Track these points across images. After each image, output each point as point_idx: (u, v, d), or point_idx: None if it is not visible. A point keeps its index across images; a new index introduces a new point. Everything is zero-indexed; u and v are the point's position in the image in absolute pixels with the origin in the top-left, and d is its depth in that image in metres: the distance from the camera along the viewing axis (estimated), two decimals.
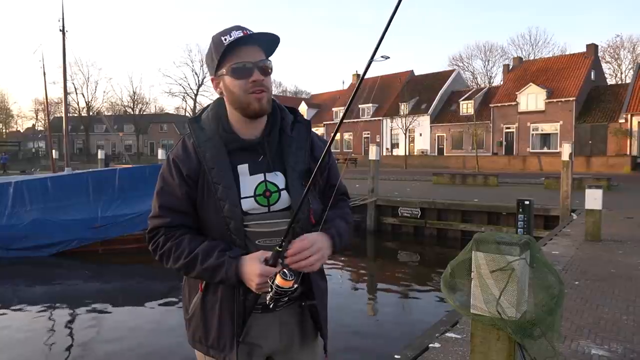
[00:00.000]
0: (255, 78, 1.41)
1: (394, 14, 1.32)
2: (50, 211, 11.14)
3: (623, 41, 50.68)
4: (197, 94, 62.28)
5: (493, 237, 1.69)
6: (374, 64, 1.32)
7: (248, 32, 1.40)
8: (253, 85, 1.41)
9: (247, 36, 1.39)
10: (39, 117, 72.01)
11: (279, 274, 1.31)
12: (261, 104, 1.43)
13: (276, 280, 1.31)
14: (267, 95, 1.45)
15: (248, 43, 1.41)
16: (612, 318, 4.18)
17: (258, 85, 1.42)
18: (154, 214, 1.50)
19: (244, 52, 1.41)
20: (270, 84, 1.47)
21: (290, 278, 1.31)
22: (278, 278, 1.31)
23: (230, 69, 1.42)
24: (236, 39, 1.38)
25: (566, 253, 6.88)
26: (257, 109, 1.44)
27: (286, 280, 1.30)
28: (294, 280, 1.31)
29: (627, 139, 30.28)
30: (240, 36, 1.39)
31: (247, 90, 1.42)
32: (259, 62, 1.43)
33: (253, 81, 1.41)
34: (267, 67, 1.44)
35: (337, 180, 1.65)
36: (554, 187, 15.14)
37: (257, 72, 1.42)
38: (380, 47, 1.31)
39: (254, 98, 1.42)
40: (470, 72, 56.74)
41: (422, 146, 43.10)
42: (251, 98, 1.42)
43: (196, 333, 1.54)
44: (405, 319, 7.42)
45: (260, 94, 1.42)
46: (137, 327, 6.77)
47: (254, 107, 1.43)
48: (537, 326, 1.64)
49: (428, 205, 13.54)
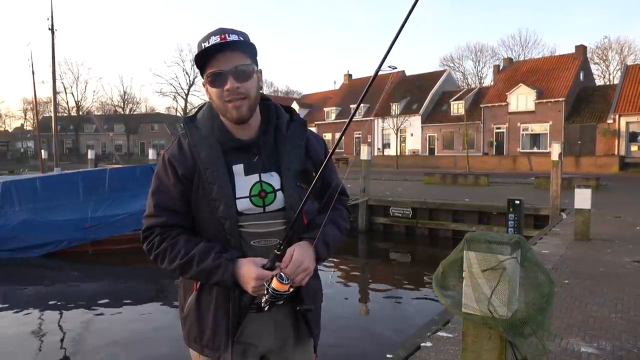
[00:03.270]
0: (229, 86, 1.38)
1: (404, 22, 1.30)
2: (40, 211, 11.02)
3: (611, 43, 51.29)
4: (188, 94, 62.09)
5: (484, 236, 1.70)
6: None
7: (227, 36, 1.37)
8: (228, 93, 1.39)
9: (222, 43, 1.36)
10: (28, 117, 71.23)
11: (276, 277, 1.31)
12: (239, 112, 1.41)
13: (272, 284, 1.31)
14: (247, 101, 1.42)
15: (226, 48, 1.38)
16: (601, 316, 4.22)
17: (233, 93, 1.39)
18: (149, 213, 1.49)
19: (221, 58, 1.39)
20: (252, 87, 1.43)
21: (286, 282, 1.31)
22: (274, 281, 1.31)
23: (208, 78, 1.42)
24: (212, 46, 1.36)
25: (556, 252, 6.94)
26: (235, 117, 1.42)
27: (282, 284, 1.31)
28: (289, 284, 1.32)
29: (615, 139, 30.63)
30: (216, 43, 1.36)
31: (224, 98, 1.41)
32: (233, 68, 1.39)
33: (227, 89, 1.39)
34: (245, 71, 1.40)
35: (334, 180, 1.65)
36: (544, 187, 15.25)
37: (232, 80, 1.38)
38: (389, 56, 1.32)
39: (231, 107, 1.41)
40: (461, 73, 57.19)
41: (414, 146, 43.24)
42: (228, 107, 1.41)
43: (191, 332, 1.54)
44: (396, 319, 7.44)
45: (237, 102, 1.40)
46: (128, 328, 6.72)
47: (232, 115, 1.42)
48: (528, 325, 1.65)
49: (419, 205, 13.59)
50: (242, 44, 1.40)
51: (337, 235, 1.57)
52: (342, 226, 1.62)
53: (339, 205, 1.67)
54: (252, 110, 1.45)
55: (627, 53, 49.89)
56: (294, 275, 1.36)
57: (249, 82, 1.42)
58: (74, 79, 63.34)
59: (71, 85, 63.24)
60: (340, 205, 1.68)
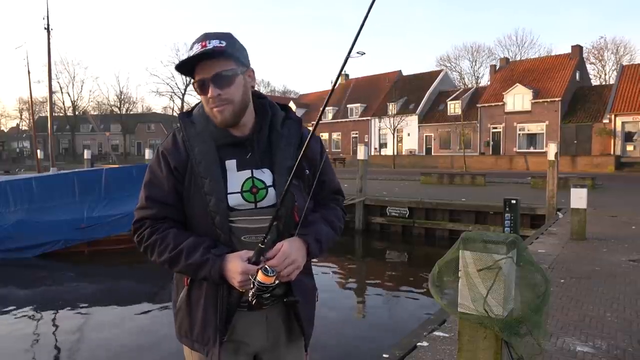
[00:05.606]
0: (211, 94, 1.41)
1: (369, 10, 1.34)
2: (35, 212, 10.98)
3: (607, 43, 51.49)
4: (185, 94, 61.81)
5: (480, 236, 1.70)
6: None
7: (207, 42, 1.38)
8: (212, 100, 1.42)
9: (201, 52, 1.37)
10: (24, 117, 70.90)
11: (261, 270, 1.33)
12: (223, 116, 1.44)
13: (258, 277, 1.32)
14: (230, 107, 1.43)
15: (206, 56, 1.39)
16: (597, 315, 4.23)
17: (216, 100, 1.41)
18: (140, 205, 1.50)
19: (203, 65, 1.41)
20: (236, 91, 1.43)
21: (271, 274, 1.32)
22: (259, 274, 1.32)
23: (194, 85, 1.45)
24: (191, 57, 1.38)
25: (552, 251, 6.96)
26: (219, 121, 1.45)
27: (267, 276, 1.32)
28: (275, 276, 1.33)
29: (611, 138, 30.77)
30: (196, 53, 1.37)
31: (209, 104, 1.44)
32: (213, 75, 1.40)
33: (210, 97, 1.41)
34: (225, 76, 1.41)
35: (330, 178, 1.65)
36: (540, 187, 15.31)
37: (213, 87, 1.40)
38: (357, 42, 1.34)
39: (216, 111, 1.43)
40: (457, 73, 57.22)
41: (410, 146, 43.30)
42: (214, 112, 1.44)
43: (182, 327, 1.55)
44: (393, 318, 7.44)
45: (220, 107, 1.42)
46: (124, 328, 6.70)
47: (217, 120, 1.45)
48: (523, 324, 1.66)
49: (416, 205, 13.61)
50: (222, 50, 1.39)
51: (330, 233, 1.57)
52: (336, 225, 1.62)
53: (334, 204, 1.68)
54: (236, 114, 1.46)
55: (622, 53, 50.17)
56: (280, 267, 1.36)
57: (231, 87, 1.42)
58: (70, 78, 63.01)
59: (67, 85, 63.02)
60: (335, 204, 1.68)
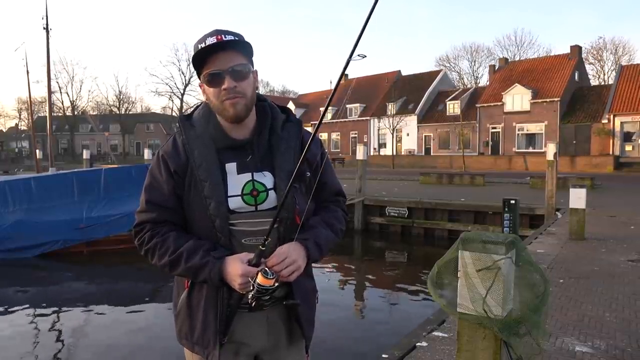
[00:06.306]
0: (227, 86, 1.41)
1: (370, 13, 1.33)
2: (34, 212, 10.97)
3: (606, 43, 51.47)
4: (184, 94, 61.79)
5: (479, 236, 1.70)
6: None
7: (223, 36, 1.39)
8: (226, 92, 1.42)
9: (218, 43, 1.38)
10: (22, 117, 70.76)
11: (260, 272, 1.33)
12: (235, 109, 1.43)
13: (257, 279, 1.32)
14: (243, 100, 1.44)
15: (221, 49, 1.40)
16: (596, 315, 4.24)
17: (230, 92, 1.41)
18: (141, 208, 1.51)
19: (218, 58, 1.41)
20: (249, 86, 1.45)
21: (271, 277, 1.33)
22: (259, 276, 1.32)
23: (205, 78, 1.44)
24: (209, 46, 1.38)
25: (551, 251, 6.96)
26: (232, 114, 1.44)
27: (267, 279, 1.32)
28: (274, 278, 1.33)
29: (610, 139, 30.79)
30: (212, 43, 1.38)
31: (221, 98, 1.43)
32: (230, 68, 1.41)
33: (224, 89, 1.41)
34: (241, 71, 1.43)
35: (330, 180, 1.65)
36: (539, 187, 15.31)
37: (229, 79, 1.41)
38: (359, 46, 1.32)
39: (229, 104, 1.43)
40: (456, 73, 57.23)
41: (410, 146, 43.29)
42: (226, 104, 1.43)
43: (182, 329, 1.55)
44: (392, 318, 7.45)
45: (234, 100, 1.42)
46: (124, 329, 6.70)
47: (229, 113, 1.44)
48: (522, 324, 1.66)
49: (415, 205, 13.61)
50: (238, 44, 1.42)
51: (330, 237, 1.57)
52: (336, 227, 1.62)
53: (334, 207, 1.67)
54: (248, 109, 1.47)
55: (621, 53, 50.19)
56: (280, 267, 1.37)
57: (245, 81, 1.44)
58: (69, 78, 63.00)
59: (66, 85, 63.05)
60: (336, 207, 1.68)
